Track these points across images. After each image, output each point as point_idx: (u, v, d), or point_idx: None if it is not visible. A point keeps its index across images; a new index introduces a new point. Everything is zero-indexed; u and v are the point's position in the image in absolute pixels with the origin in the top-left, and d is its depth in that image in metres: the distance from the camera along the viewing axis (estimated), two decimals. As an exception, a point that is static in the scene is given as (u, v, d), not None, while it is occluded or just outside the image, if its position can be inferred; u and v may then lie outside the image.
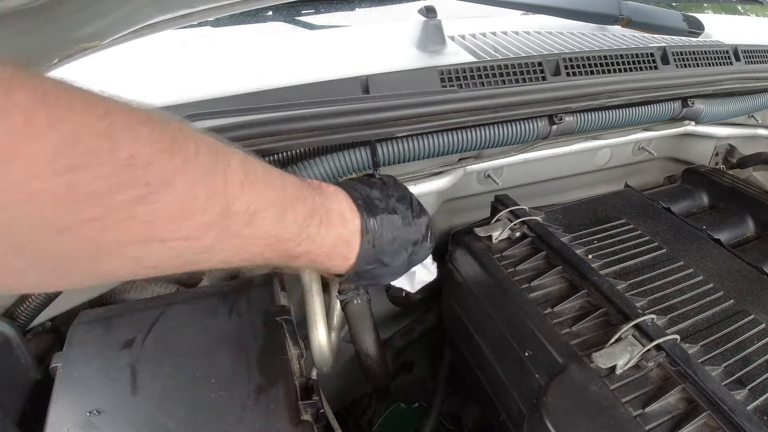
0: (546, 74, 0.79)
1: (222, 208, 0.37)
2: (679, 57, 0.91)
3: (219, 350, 0.60)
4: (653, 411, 0.49)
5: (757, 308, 0.64)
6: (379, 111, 0.68)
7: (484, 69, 0.76)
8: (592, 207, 0.84)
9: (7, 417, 0.56)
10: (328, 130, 0.66)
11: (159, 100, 0.67)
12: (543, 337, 0.58)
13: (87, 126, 0.29)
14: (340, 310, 0.77)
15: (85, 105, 0.29)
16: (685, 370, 0.51)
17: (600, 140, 1.01)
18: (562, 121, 0.82)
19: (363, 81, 0.71)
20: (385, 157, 0.73)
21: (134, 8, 0.50)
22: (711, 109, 0.98)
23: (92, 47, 0.55)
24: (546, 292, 0.65)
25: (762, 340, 0.59)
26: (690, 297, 0.65)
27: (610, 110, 0.87)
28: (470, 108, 0.73)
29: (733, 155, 1.21)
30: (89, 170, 0.29)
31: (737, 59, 0.96)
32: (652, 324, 0.55)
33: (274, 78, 0.72)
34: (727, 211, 0.94)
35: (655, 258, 0.72)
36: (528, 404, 0.57)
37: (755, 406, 0.51)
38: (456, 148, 0.76)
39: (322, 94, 0.68)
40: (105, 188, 0.30)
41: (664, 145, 1.18)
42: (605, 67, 0.84)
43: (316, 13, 1.13)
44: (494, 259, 0.70)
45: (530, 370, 0.58)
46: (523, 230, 0.74)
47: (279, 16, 1.09)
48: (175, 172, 0.33)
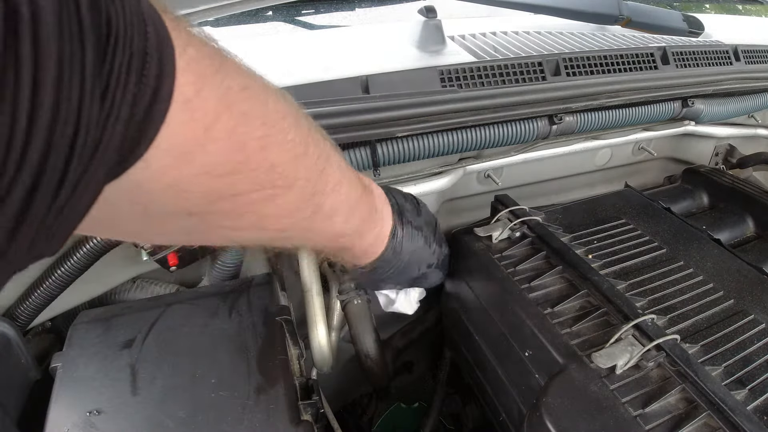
0: (546, 74, 0.79)
1: (315, 208, 0.41)
2: (679, 57, 0.91)
3: (219, 350, 0.60)
4: (653, 411, 0.49)
5: (757, 308, 0.64)
6: (379, 111, 0.68)
7: (484, 69, 0.76)
8: (592, 207, 0.84)
9: (7, 417, 0.56)
10: (328, 130, 0.65)
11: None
12: (543, 337, 0.58)
13: (250, 137, 0.32)
14: (340, 310, 0.77)
15: (251, 111, 0.32)
16: (685, 370, 0.51)
17: (600, 140, 1.01)
18: (562, 121, 0.82)
19: (363, 81, 0.71)
20: (385, 157, 0.73)
21: (134, 8, 0.50)
22: (711, 109, 0.98)
23: (92, 47, 0.55)
24: (546, 292, 0.65)
25: (762, 340, 0.59)
26: (690, 297, 0.65)
27: (610, 110, 0.87)
28: (470, 108, 0.73)
29: (733, 155, 1.21)
30: (243, 174, 0.32)
31: (737, 59, 0.96)
32: (652, 324, 0.55)
33: (274, 78, 0.72)
34: (727, 211, 0.94)
35: (655, 258, 0.72)
36: (528, 404, 0.57)
37: (755, 406, 0.51)
38: (456, 148, 0.76)
39: (322, 94, 0.68)
40: (247, 188, 0.34)
41: (664, 145, 1.18)
42: (605, 67, 0.84)
43: (316, 13, 1.13)
44: (494, 259, 0.69)
45: (530, 370, 0.58)
46: (523, 230, 0.74)
47: (279, 16, 1.09)
48: (297, 178, 0.37)
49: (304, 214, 0.40)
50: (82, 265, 0.63)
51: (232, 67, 0.32)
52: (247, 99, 0.32)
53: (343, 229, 0.47)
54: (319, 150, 0.40)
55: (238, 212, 0.35)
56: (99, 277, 0.69)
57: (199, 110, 0.28)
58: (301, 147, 0.37)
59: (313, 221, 0.42)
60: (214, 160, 0.30)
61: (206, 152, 0.29)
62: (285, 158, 0.35)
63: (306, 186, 0.38)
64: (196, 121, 0.28)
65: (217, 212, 0.34)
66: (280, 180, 0.35)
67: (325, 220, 0.43)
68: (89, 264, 0.64)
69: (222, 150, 0.30)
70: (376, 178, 0.82)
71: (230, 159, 0.31)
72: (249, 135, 0.32)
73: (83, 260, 0.63)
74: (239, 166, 0.32)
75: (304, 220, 0.41)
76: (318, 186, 0.40)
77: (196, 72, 0.27)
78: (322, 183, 0.40)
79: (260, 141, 0.33)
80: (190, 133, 0.28)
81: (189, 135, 0.28)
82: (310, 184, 0.39)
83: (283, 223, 0.39)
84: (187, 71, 0.27)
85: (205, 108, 0.28)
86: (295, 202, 0.38)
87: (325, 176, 0.41)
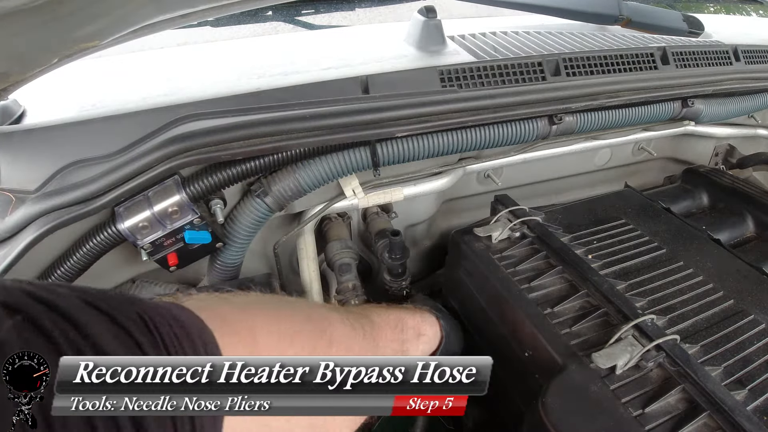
0: (546, 74, 0.79)
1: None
2: (679, 57, 0.91)
3: (219, 350, 0.60)
4: (653, 411, 0.49)
5: (757, 308, 0.64)
6: (379, 111, 0.68)
7: (484, 69, 0.76)
8: (592, 207, 0.84)
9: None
10: (328, 130, 0.66)
11: (159, 100, 0.67)
12: (543, 337, 0.58)
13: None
14: (339, 310, 0.77)
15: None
16: (685, 370, 0.51)
17: (600, 140, 1.01)
18: (562, 121, 0.82)
19: (363, 81, 0.71)
20: (384, 157, 0.73)
21: (134, 8, 0.50)
22: (711, 109, 0.98)
23: (92, 47, 0.55)
24: (546, 292, 0.65)
25: (762, 340, 0.59)
26: (690, 297, 0.65)
27: (610, 110, 0.87)
28: (470, 108, 0.73)
29: (733, 155, 1.21)
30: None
31: (737, 59, 0.96)
32: (652, 324, 0.55)
33: (274, 78, 0.72)
34: (727, 211, 0.94)
35: (655, 258, 0.72)
36: (528, 404, 0.56)
37: (755, 406, 0.51)
38: (456, 148, 0.76)
39: (322, 94, 0.68)
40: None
41: (664, 145, 1.18)
42: (605, 67, 0.84)
43: (316, 13, 1.13)
44: (494, 259, 0.69)
45: (530, 370, 0.58)
46: (523, 230, 0.74)
47: (279, 16, 1.10)
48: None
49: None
50: (82, 265, 0.63)
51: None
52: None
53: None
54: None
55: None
56: (99, 277, 0.69)
57: None
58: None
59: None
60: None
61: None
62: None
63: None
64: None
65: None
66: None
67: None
68: (89, 264, 0.64)
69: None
70: (376, 177, 0.82)
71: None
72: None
73: (83, 260, 0.63)
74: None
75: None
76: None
77: None
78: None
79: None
80: None
81: None
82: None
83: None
84: None
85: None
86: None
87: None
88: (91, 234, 0.63)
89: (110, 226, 0.63)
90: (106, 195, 0.59)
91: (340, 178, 0.76)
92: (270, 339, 0.40)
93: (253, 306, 0.44)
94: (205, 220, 0.67)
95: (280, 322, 0.42)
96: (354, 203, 0.82)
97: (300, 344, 0.42)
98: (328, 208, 0.81)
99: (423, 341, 0.63)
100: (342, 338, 0.47)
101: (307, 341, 0.43)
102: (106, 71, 0.79)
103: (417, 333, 0.62)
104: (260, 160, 0.68)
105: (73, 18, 0.47)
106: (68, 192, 0.58)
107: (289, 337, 0.42)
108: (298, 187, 0.71)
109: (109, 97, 0.69)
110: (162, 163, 0.60)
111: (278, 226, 0.86)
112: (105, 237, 0.63)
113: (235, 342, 0.36)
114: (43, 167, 0.60)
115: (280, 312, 0.45)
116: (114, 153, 0.60)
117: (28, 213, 0.57)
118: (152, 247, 0.66)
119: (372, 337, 0.53)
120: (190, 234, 0.66)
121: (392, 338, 0.57)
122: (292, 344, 0.42)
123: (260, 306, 0.45)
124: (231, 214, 0.74)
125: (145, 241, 0.64)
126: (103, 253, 0.65)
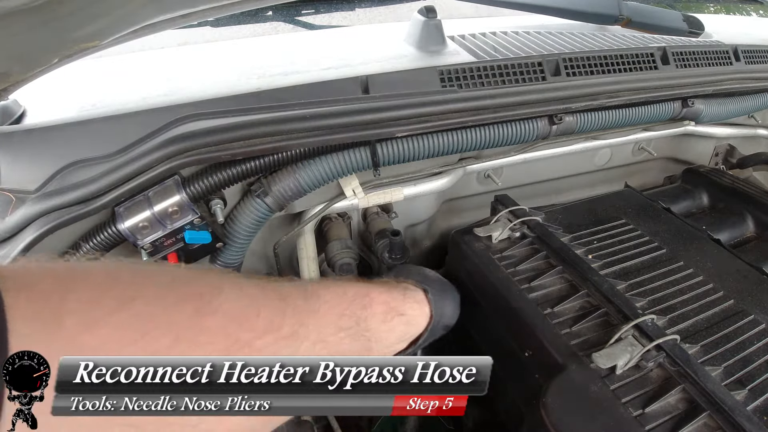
0: (546, 74, 0.79)
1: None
2: (679, 57, 0.91)
3: (219, 350, 0.60)
4: (653, 411, 0.49)
5: (757, 308, 0.64)
6: (379, 111, 0.68)
7: (484, 69, 0.76)
8: (592, 207, 0.84)
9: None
10: (328, 130, 0.66)
11: (159, 100, 0.67)
12: (543, 337, 0.58)
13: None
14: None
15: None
16: (685, 370, 0.51)
17: (600, 140, 1.01)
18: (562, 121, 0.82)
19: (363, 81, 0.71)
20: (385, 157, 0.73)
21: (134, 8, 0.50)
22: (711, 109, 0.98)
23: (92, 47, 0.55)
24: (546, 292, 0.65)
25: (762, 340, 0.59)
26: (690, 297, 0.65)
27: (610, 110, 0.87)
28: (470, 108, 0.73)
29: (733, 155, 1.21)
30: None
31: (737, 59, 0.96)
32: (652, 324, 0.55)
33: (274, 78, 0.72)
34: (727, 211, 0.94)
35: (655, 258, 0.72)
36: (528, 404, 0.56)
37: (755, 406, 0.51)
38: (456, 148, 0.76)
39: (322, 94, 0.68)
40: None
41: (664, 145, 1.18)
42: (605, 67, 0.84)
43: (316, 13, 1.13)
44: (494, 259, 0.69)
45: (530, 370, 0.58)
46: (523, 230, 0.74)
47: (279, 16, 1.09)
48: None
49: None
50: (81, 265, 0.63)
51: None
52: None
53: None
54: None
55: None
56: (99, 277, 0.69)
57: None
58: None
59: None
60: None
61: None
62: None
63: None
64: None
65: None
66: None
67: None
68: (89, 264, 0.64)
69: None
70: (376, 177, 0.82)
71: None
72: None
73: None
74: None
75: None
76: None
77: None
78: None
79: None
80: None
81: None
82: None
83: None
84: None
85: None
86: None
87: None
88: (91, 234, 0.63)
89: (110, 226, 0.63)
90: (106, 195, 0.59)
91: (340, 178, 0.76)
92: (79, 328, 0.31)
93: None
94: (205, 220, 0.67)
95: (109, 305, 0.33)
96: (354, 203, 0.82)
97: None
98: (329, 208, 0.81)
99: (401, 321, 0.57)
100: (231, 311, 0.39)
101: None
102: (106, 71, 0.79)
103: (389, 310, 0.56)
104: (260, 160, 0.68)
105: (73, 18, 0.47)
106: (68, 192, 0.58)
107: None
108: (298, 187, 0.71)
109: (109, 97, 0.69)
110: (162, 163, 0.60)
111: (278, 226, 0.86)
112: (105, 237, 0.63)
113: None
114: (43, 167, 0.60)
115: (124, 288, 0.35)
116: (114, 153, 0.60)
117: (28, 213, 0.57)
118: (152, 247, 0.66)
119: (298, 310, 0.45)
120: (190, 234, 0.66)
121: (340, 313, 0.49)
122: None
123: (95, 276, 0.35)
124: (231, 214, 0.74)
125: (145, 241, 0.64)
126: (103, 254, 0.65)
